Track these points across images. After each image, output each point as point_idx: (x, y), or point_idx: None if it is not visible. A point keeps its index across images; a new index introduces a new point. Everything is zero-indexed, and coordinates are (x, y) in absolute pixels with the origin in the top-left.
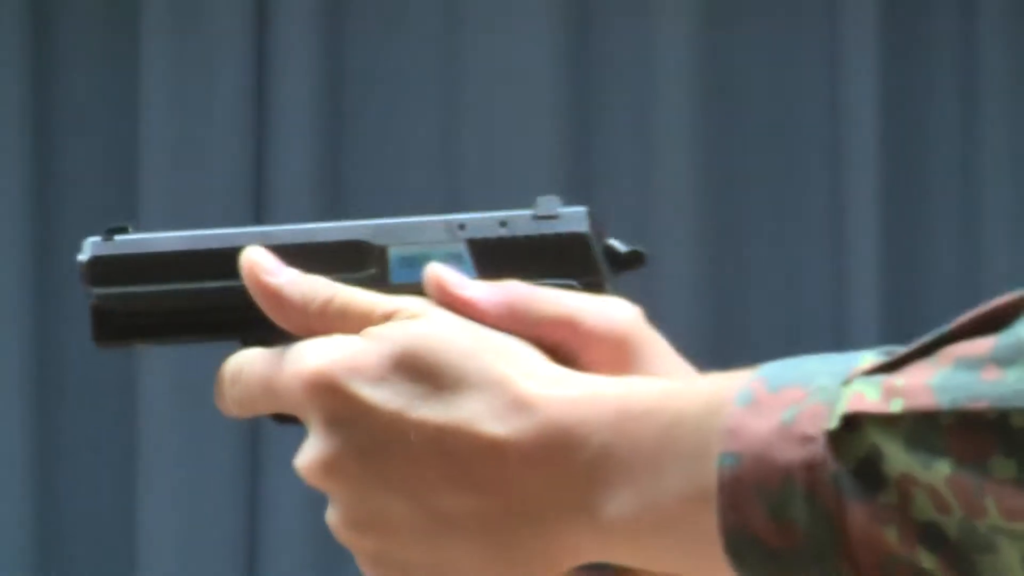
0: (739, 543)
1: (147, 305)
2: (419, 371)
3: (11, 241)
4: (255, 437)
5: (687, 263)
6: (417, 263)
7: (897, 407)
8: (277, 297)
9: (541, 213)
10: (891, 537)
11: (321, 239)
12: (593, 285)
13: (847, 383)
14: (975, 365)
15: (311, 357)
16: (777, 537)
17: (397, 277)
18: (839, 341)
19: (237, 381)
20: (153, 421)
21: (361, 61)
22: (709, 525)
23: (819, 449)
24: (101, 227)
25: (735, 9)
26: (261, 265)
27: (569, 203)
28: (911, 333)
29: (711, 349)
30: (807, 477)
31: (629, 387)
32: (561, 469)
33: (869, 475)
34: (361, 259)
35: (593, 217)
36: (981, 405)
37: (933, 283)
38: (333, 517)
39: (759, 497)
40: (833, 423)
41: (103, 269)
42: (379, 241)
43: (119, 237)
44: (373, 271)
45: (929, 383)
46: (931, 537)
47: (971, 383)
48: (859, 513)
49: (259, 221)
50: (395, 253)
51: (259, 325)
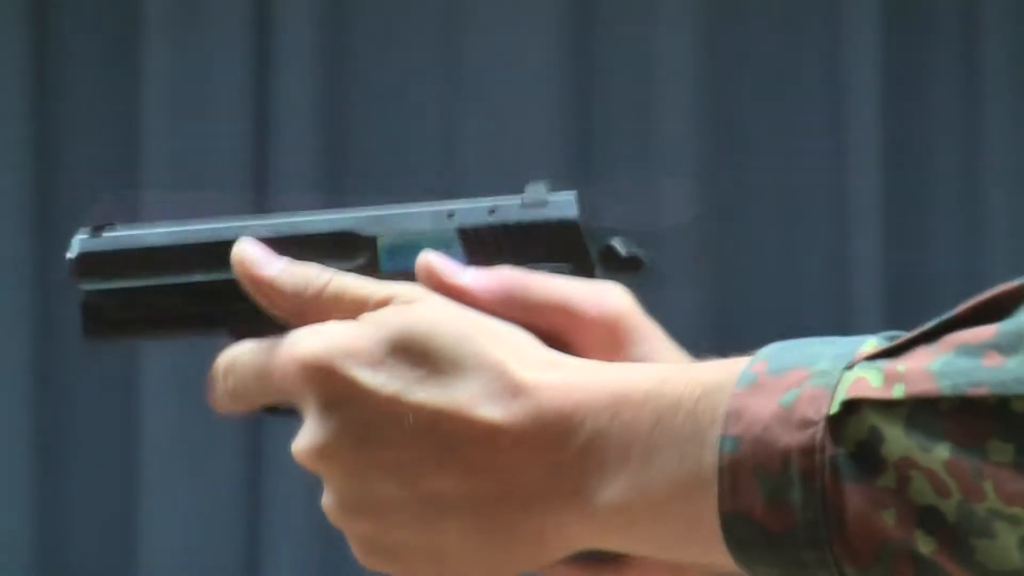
0: (736, 526)
1: (136, 300)
2: (415, 355)
3: (12, 241)
4: (257, 437)
5: (687, 259)
6: (407, 252)
7: (899, 393)
8: (270, 287)
9: (529, 200)
10: (889, 521)
11: (310, 230)
12: (583, 270)
13: (849, 368)
14: (976, 352)
15: (307, 342)
16: (774, 521)
17: (387, 266)
18: (841, 334)
19: (231, 372)
20: (155, 421)
21: (361, 62)
22: (703, 510)
23: (818, 433)
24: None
25: (738, 7)
26: (252, 257)
27: None
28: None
29: (711, 343)
30: (805, 461)
31: (624, 372)
32: (555, 454)
33: (868, 458)
34: (350, 249)
35: (583, 202)
36: (981, 391)
37: (934, 281)
38: (328, 501)
39: (757, 481)
40: (834, 408)
41: (91, 265)
42: (368, 231)
43: (107, 232)
44: (362, 261)
45: (930, 368)
46: (929, 520)
47: (972, 369)
48: (857, 497)
49: None
50: (384, 242)
51: (250, 318)
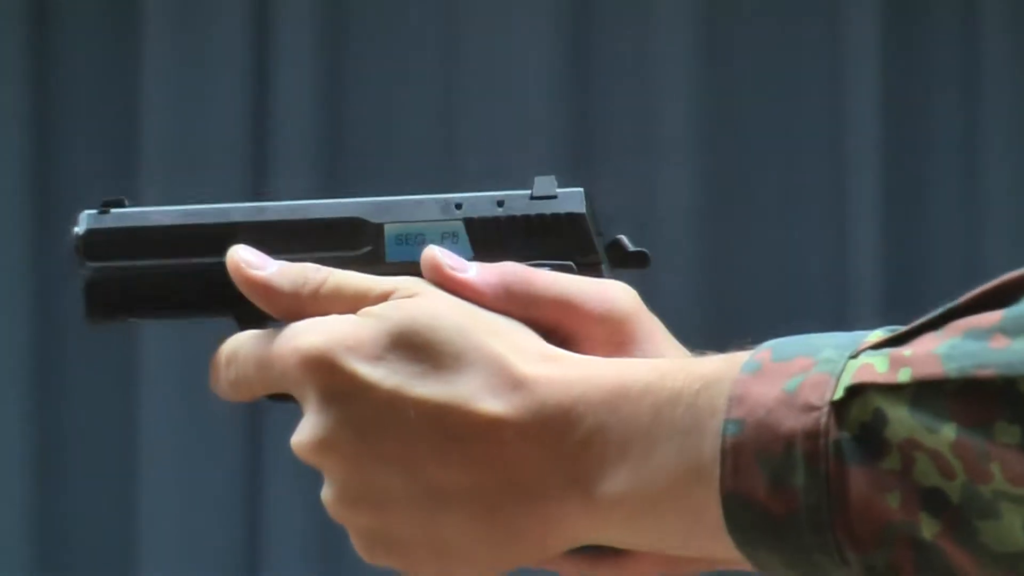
0: (738, 510)
1: (142, 280)
2: (416, 349)
3: (11, 239)
4: (257, 434)
5: (688, 259)
6: (413, 241)
7: (905, 376)
8: (266, 288)
9: (538, 193)
10: (893, 503)
11: (317, 215)
12: (590, 265)
13: (855, 356)
14: (984, 335)
15: (307, 335)
16: (777, 505)
17: (392, 255)
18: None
19: (232, 362)
20: (154, 417)
21: (360, 59)
22: (703, 502)
23: (822, 417)
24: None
25: (737, 3)
26: (246, 260)
27: None
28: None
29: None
30: (809, 445)
31: (625, 366)
32: (556, 447)
33: (871, 441)
34: (357, 236)
35: (590, 199)
36: (988, 372)
37: (933, 276)
38: (328, 494)
39: (760, 464)
40: (838, 393)
41: (98, 242)
42: (375, 219)
43: (115, 210)
44: (368, 249)
45: (937, 352)
46: (934, 502)
47: (979, 351)
48: (860, 480)
49: None
50: (391, 231)
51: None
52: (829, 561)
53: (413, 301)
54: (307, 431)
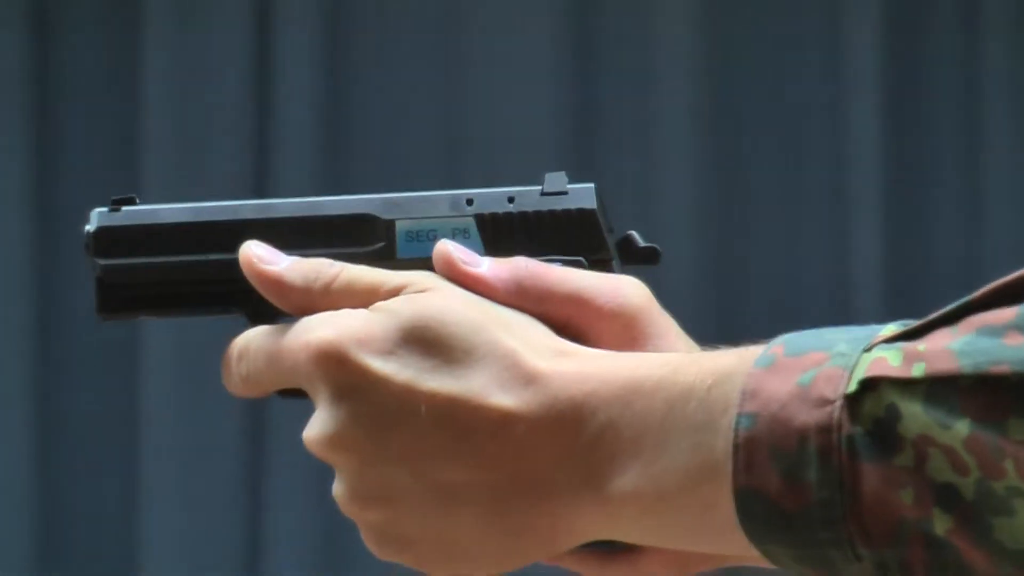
0: (750, 504)
1: (153, 277)
2: (428, 344)
3: (13, 239)
4: (258, 431)
5: (688, 259)
6: (424, 237)
7: (919, 371)
8: (279, 283)
9: (549, 189)
10: (906, 499)
11: (328, 212)
12: (601, 262)
13: (868, 350)
14: (998, 332)
15: (319, 329)
16: (789, 499)
17: (404, 251)
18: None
19: (244, 357)
20: (155, 416)
21: (362, 60)
22: (715, 499)
23: (836, 412)
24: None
25: (739, 7)
26: (259, 256)
27: None
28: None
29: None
30: (822, 439)
31: (637, 361)
32: (568, 443)
33: (885, 436)
34: (368, 233)
35: (600, 195)
36: (1002, 368)
37: (935, 276)
38: (339, 490)
39: (773, 458)
40: (852, 387)
41: (109, 240)
42: (386, 215)
43: (126, 208)
44: (380, 245)
45: (951, 347)
46: (947, 498)
47: (993, 348)
48: (873, 476)
49: None
50: (402, 227)
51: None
52: (841, 556)
53: (425, 296)
54: (318, 426)
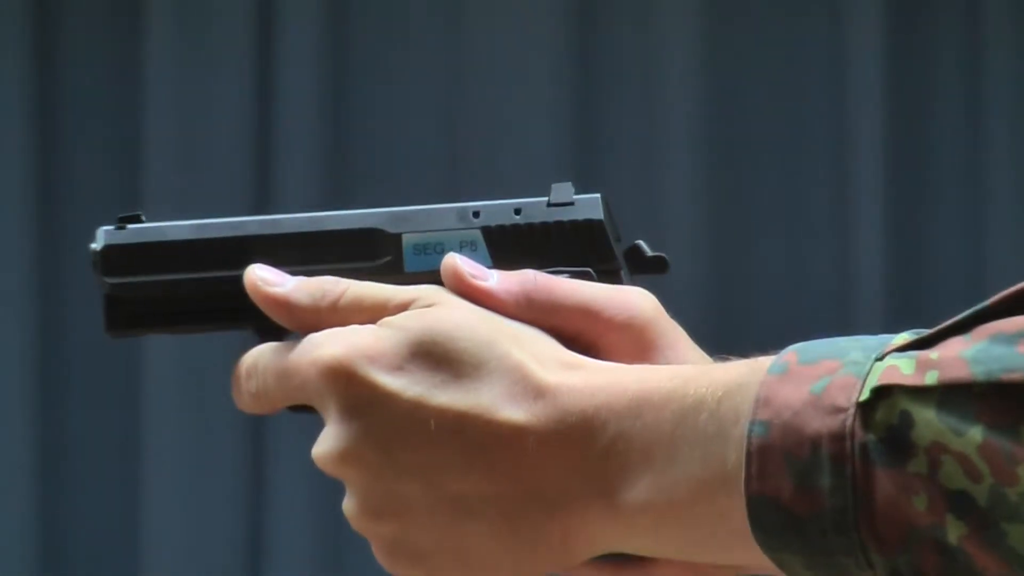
0: (763, 511)
1: (160, 294)
2: (437, 359)
3: (15, 240)
4: (259, 434)
5: (691, 265)
6: (431, 250)
7: (932, 379)
8: (285, 304)
9: (556, 200)
10: (919, 506)
11: (334, 227)
12: (609, 272)
13: (881, 358)
14: (1011, 340)
15: (327, 346)
16: (802, 506)
17: (411, 265)
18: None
19: (253, 374)
20: (157, 418)
21: (365, 61)
22: (726, 509)
23: (849, 419)
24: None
25: (740, 6)
26: (263, 278)
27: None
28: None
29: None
30: (835, 447)
31: (647, 373)
32: (578, 455)
33: (898, 444)
34: (375, 247)
35: (607, 204)
36: (1015, 376)
37: (937, 282)
38: (350, 506)
39: (786, 465)
40: (865, 394)
41: (116, 258)
42: (393, 229)
43: (132, 226)
44: (387, 259)
45: (964, 356)
46: (960, 505)
47: (1006, 356)
48: (887, 482)
49: None
50: (409, 241)
51: None
52: (853, 564)
53: (433, 310)
54: (328, 443)
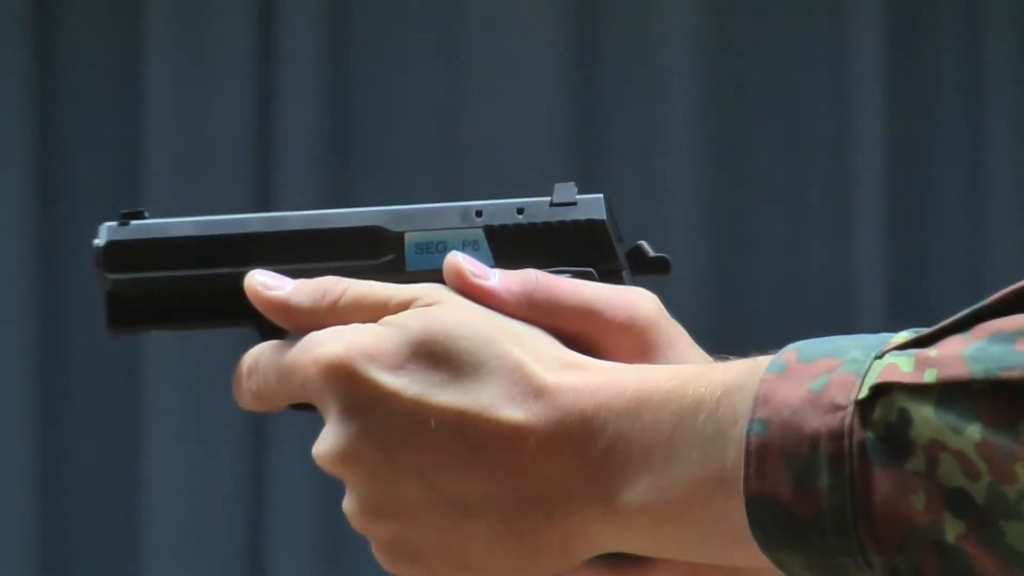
0: (762, 510)
1: (163, 291)
2: (437, 358)
3: (15, 238)
4: (259, 435)
5: (691, 263)
6: (434, 249)
7: (930, 377)
8: (285, 306)
9: (559, 200)
10: (917, 505)
11: (336, 225)
12: (611, 273)
13: (880, 357)
14: (1009, 338)
15: (328, 344)
16: (801, 506)
17: (413, 264)
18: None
19: (254, 373)
20: (158, 415)
21: (365, 61)
22: (725, 510)
23: (847, 418)
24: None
25: (741, 6)
26: (263, 283)
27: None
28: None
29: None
30: (833, 446)
31: (646, 373)
32: (578, 455)
33: (897, 442)
34: (377, 245)
35: (609, 205)
36: (1013, 374)
37: (938, 282)
38: (349, 505)
39: (785, 464)
40: (864, 393)
41: (119, 254)
42: (395, 227)
43: (135, 222)
44: (389, 258)
45: (963, 354)
46: (958, 503)
47: (1005, 354)
48: (885, 481)
49: None
50: (411, 239)
51: None
52: (852, 563)
53: (434, 309)
54: (329, 441)
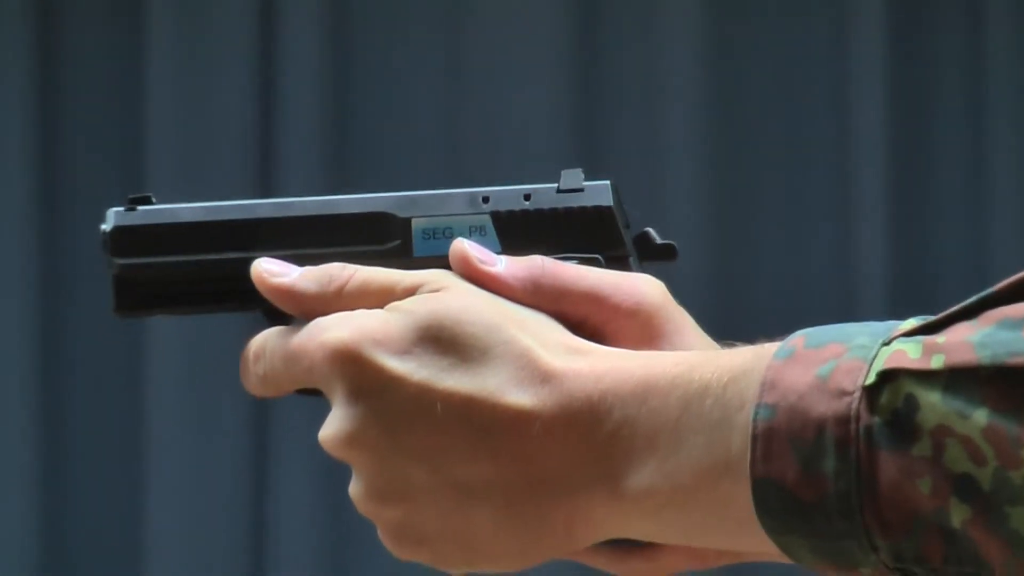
0: (768, 495)
1: (169, 275)
2: (444, 343)
3: (17, 237)
4: (262, 431)
5: (693, 259)
6: (440, 235)
7: (938, 363)
8: (291, 292)
9: (565, 186)
10: (923, 490)
11: (344, 210)
12: (617, 259)
13: (888, 343)
14: (1017, 325)
15: (335, 329)
16: (807, 490)
17: (420, 250)
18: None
19: (260, 357)
20: (160, 413)
21: (366, 60)
22: (731, 495)
23: (854, 403)
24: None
25: (743, 5)
26: (269, 271)
27: None
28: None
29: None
30: (840, 430)
31: (653, 359)
32: (583, 440)
33: (903, 427)
34: (385, 231)
35: (616, 192)
36: (1021, 360)
37: (939, 274)
38: (356, 489)
39: (792, 449)
40: (871, 378)
41: (126, 239)
42: (402, 213)
43: (142, 207)
44: (396, 243)
45: (970, 340)
46: (964, 488)
47: (1013, 340)
48: (891, 466)
49: None
50: (418, 225)
51: None
52: (857, 547)
53: (440, 295)
54: (335, 426)
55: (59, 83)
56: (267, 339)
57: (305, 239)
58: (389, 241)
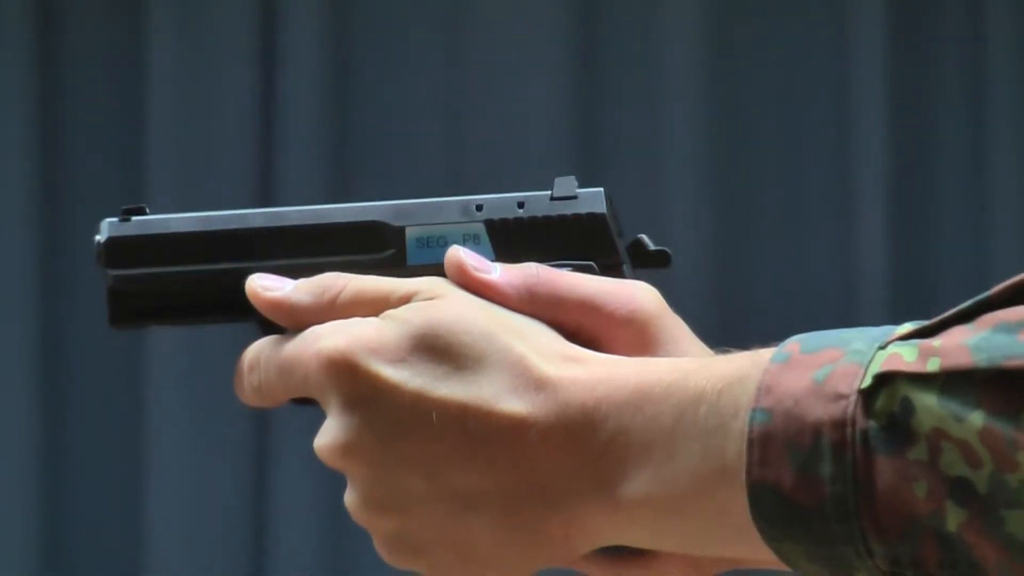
0: (764, 500)
1: (164, 286)
2: (439, 351)
3: (17, 238)
4: (261, 433)
5: (694, 262)
6: (435, 244)
7: (934, 366)
8: (286, 305)
9: (559, 194)
10: (919, 493)
11: (338, 220)
12: (612, 266)
13: (884, 347)
14: (1013, 329)
15: (329, 338)
16: (803, 495)
17: (414, 258)
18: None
19: (255, 368)
20: (160, 414)
21: (367, 60)
22: (727, 502)
23: (850, 407)
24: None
25: (744, 5)
26: (264, 285)
27: None
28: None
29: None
30: (836, 434)
31: (647, 367)
32: (579, 448)
33: (899, 431)
34: (378, 240)
35: (609, 199)
36: (1016, 363)
37: (940, 276)
38: (351, 498)
39: (788, 453)
40: (867, 382)
41: (120, 250)
42: (396, 222)
43: (136, 218)
44: (390, 252)
45: (966, 343)
46: (960, 492)
47: (1008, 344)
48: (887, 470)
49: None
50: (412, 234)
51: None
52: (853, 552)
53: (435, 303)
54: (330, 435)
55: (59, 84)
56: (261, 349)
57: (299, 249)
58: (383, 250)
